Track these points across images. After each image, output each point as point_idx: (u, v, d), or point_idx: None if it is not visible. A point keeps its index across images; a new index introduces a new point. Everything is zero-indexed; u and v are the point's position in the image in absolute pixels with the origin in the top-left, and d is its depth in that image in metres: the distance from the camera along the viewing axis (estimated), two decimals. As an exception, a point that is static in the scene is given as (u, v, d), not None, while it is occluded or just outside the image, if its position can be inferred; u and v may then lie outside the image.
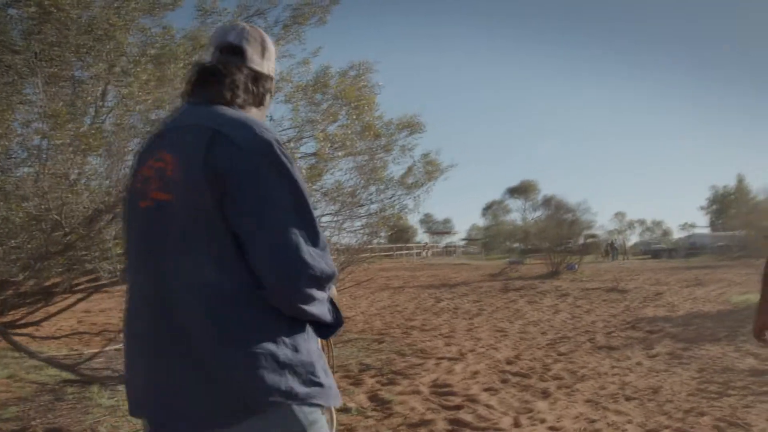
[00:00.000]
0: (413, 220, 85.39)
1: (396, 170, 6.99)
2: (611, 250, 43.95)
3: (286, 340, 1.36)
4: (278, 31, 6.38)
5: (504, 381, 5.87)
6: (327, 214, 7.01)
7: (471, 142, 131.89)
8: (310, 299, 1.38)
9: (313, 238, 1.38)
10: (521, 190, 65.08)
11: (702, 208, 69.04)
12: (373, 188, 6.95)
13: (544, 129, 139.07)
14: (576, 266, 24.19)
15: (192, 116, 1.47)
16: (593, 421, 4.52)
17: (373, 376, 5.98)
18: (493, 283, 19.42)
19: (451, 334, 8.82)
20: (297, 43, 6.42)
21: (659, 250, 48.81)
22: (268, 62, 1.66)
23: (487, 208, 72.40)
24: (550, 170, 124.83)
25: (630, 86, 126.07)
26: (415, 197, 6.87)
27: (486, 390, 5.49)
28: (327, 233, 7.10)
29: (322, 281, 1.39)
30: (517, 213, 66.40)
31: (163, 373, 1.37)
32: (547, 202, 30.97)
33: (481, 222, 77.83)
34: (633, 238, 77.39)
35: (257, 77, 1.61)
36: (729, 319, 10.23)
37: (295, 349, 1.37)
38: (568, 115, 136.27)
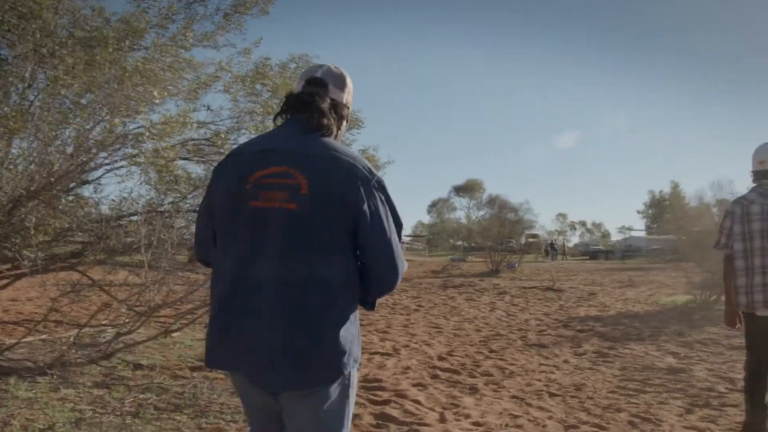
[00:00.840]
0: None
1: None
2: (551, 250, 45.01)
3: (357, 322, 1.94)
4: (219, 19, 6.30)
5: (434, 377, 5.95)
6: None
7: (419, 140, 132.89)
8: None
9: (400, 249, 1.96)
10: (467, 189, 65.80)
11: (639, 212, 71.48)
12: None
13: (492, 129, 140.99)
14: (516, 265, 24.68)
15: (312, 145, 1.91)
16: (516, 417, 4.63)
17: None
18: (434, 279, 19.63)
19: (386, 330, 8.87)
20: (238, 33, 6.35)
21: (597, 251, 50.25)
22: (346, 95, 2.11)
23: (433, 206, 73.10)
24: (496, 170, 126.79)
25: (577, 90, 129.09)
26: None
27: (415, 385, 5.55)
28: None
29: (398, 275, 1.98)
30: (462, 211, 67.23)
31: (276, 342, 1.79)
32: (492, 201, 31.30)
33: (426, 219, 78.42)
34: (574, 239, 79.41)
35: (336, 105, 2.04)
36: (655, 319, 10.62)
37: (358, 329, 1.96)
38: (515, 116, 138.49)
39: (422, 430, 4.23)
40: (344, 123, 2.13)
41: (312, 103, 1.96)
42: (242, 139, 6.77)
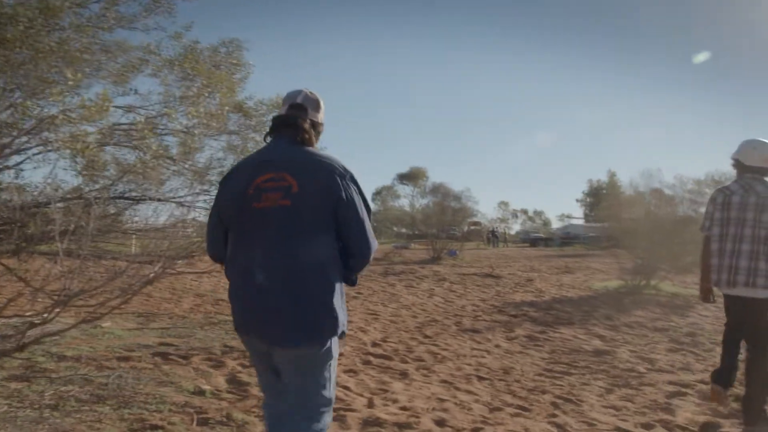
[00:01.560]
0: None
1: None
2: (492, 237, 45.77)
3: (341, 288, 2.49)
4: (147, 2, 6.12)
5: (366, 363, 5.98)
6: (197, 194, 6.82)
7: (363, 129, 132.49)
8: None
9: (368, 231, 2.49)
10: (411, 177, 66.04)
11: (578, 200, 73.33)
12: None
13: (437, 118, 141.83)
14: (457, 252, 24.97)
15: (299, 154, 2.49)
16: (443, 401, 4.71)
17: (236, 359, 5.90)
18: (375, 267, 19.68)
19: (323, 317, 8.86)
20: (168, 16, 6.18)
21: (537, 238, 51.34)
22: (321, 114, 2.71)
23: (377, 194, 73.16)
24: (439, 158, 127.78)
25: (521, 81, 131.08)
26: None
27: (346, 372, 5.57)
28: (197, 214, 6.92)
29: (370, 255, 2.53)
30: (405, 199, 67.36)
31: (277, 311, 2.37)
32: (435, 189, 31.59)
33: (371, 207, 78.42)
34: (515, 227, 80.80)
35: (314, 124, 2.65)
36: (587, 304, 10.94)
37: (343, 299, 2.51)
38: (459, 105, 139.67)
39: (348, 415, 4.25)
40: (319, 135, 2.72)
41: (296, 123, 2.55)
42: (174, 125, 6.64)
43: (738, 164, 4.37)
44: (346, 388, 5.00)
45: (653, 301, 11.57)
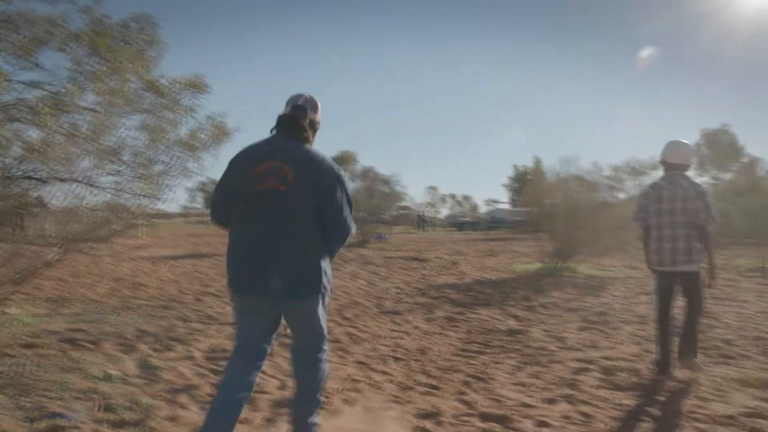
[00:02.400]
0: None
1: (181, 132, 6.70)
2: (421, 221, 46.26)
3: (328, 261, 3.11)
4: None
5: (282, 345, 5.93)
6: (108, 174, 6.57)
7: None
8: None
9: (351, 215, 3.13)
10: (341, 161, 65.69)
11: (505, 185, 74.91)
12: (160, 148, 6.60)
13: (367, 102, 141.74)
14: (385, 236, 25.11)
15: (295, 149, 3.06)
16: (356, 381, 4.74)
17: (148, 343, 5.75)
18: (302, 250, 19.58)
19: (244, 301, 8.74)
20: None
21: (464, 222, 52.19)
22: (318, 115, 3.27)
23: (308, 177, 72.42)
24: (369, 142, 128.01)
25: (444, 68, 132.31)
26: (198, 160, 6.63)
27: (262, 354, 5.52)
28: (106, 195, 6.67)
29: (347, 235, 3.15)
30: (335, 182, 67.03)
31: (279, 270, 2.94)
32: (364, 173, 31.55)
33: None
34: (444, 211, 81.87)
35: (312, 123, 3.20)
36: (507, 286, 11.22)
37: (328, 266, 3.12)
38: (388, 88, 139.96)
39: (259, 397, 4.22)
40: (316, 132, 3.28)
41: (297, 122, 3.14)
42: (82, 102, 6.36)
43: (664, 163, 5.21)
44: (261, 371, 4.95)
45: (570, 282, 11.97)
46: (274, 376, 4.84)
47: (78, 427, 3.47)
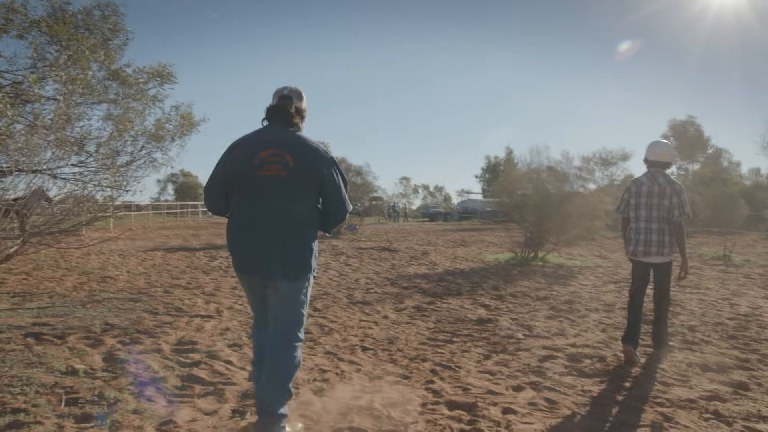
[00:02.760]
0: (201, 177, 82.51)
1: (148, 123, 6.60)
2: (393, 212, 46.29)
3: (316, 242, 3.38)
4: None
5: (251, 336, 5.92)
6: (73, 165, 6.47)
7: (263, 101, 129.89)
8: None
9: (347, 196, 3.38)
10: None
11: (477, 176, 75.33)
12: (126, 139, 6.50)
13: (337, 92, 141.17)
14: (357, 227, 25.08)
15: (292, 137, 3.30)
16: (324, 372, 4.75)
17: (115, 337, 5.69)
18: (274, 242, 19.49)
19: (214, 292, 8.69)
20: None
21: (436, 213, 52.41)
22: (303, 103, 3.49)
23: (280, 168, 71.89)
24: (341, 133, 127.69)
25: (416, 59, 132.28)
26: (165, 150, 6.55)
27: (231, 346, 5.51)
28: (72, 186, 6.56)
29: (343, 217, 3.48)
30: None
31: (275, 252, 3.21)
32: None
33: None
34: (417, 202, 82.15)
35: (298, 110, 3.43)
36: (477, 275, 11.31)
37: (317, 247, 3.40)
38: (360, 79, 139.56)
39: (227, 389, 4.22)
40: (303, 118, 3.49)
41: (286, 112, 3.37)
42: (43, 92, 6.24)
43: (646, 161, 5.62)
44: (229, 362, 4.95)
45: (539, 272, 12.11)
46: (243, 367, 4.83)
47: (41, 423, 3.43)
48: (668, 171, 5.70)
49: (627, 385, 4.59)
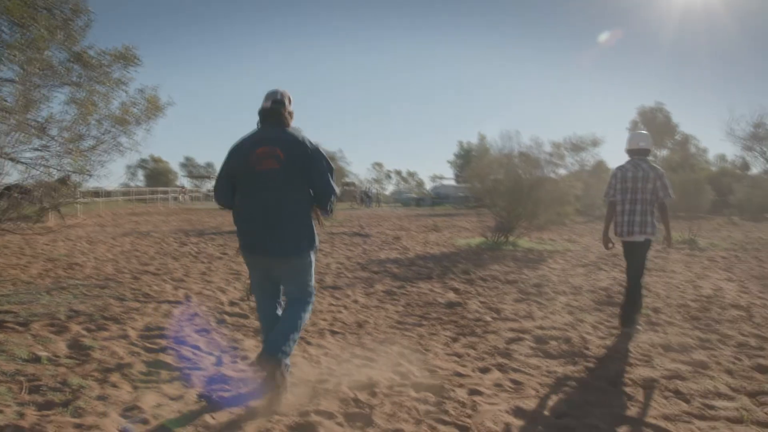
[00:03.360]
0: (173, 162, 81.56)
1: (112, 106, 6.46)
2: (365, 198, 46.25)
3: (314, 223, 3.87)
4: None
5: (220, 322, 5.90)
6: (35, 150, 6.32)
7: (236, 88, 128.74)
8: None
9: (334, 182, 3.81)
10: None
11: (450, 161, 75.59)
12: (90, 122, 6.37)
13: (310, 77, 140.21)
14: (329, 212, 24.96)
15: (282, 134, 3.77)
16: (293, 356, 4.73)
17: (81, 323, 5.61)
18: (245, 228, 19.36)
19: (183, 278, 8.62)
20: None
21: (409, 198, 52.48)
22: (291, 105, 3.93)
23: (251, 153, 71.22)
24: (313, 119, 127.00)
25: (392, 47, 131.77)
26: (131, 135, 6.43)
27: (198, 331, 5.47)
28: (37, 172, 6.42)
29: (335, 198, 3.86)
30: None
31: (278, 234, 3.68)
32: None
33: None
34: (390, 187, 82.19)
35: (288, 111, 3.89)
36: (448, 260, 11.37)
37: (315, 227, 3.87)
38: (333, 65, 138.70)
39: (194, 374, 4.20)
40: (292, 118, 3.97)
41: (278, 114, 3.86)
42: (3, 74, 6.07)
43: (629, 150, 6.13)
44: (196, 347, 4.92)
45: (510, 256, 12.22)
46: (211, 352, 4.81)
47: (1, 411, 3.38)
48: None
49: (591, 365, 4.67)
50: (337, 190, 3.90)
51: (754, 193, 31.64)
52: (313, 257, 3.91)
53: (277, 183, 3.70)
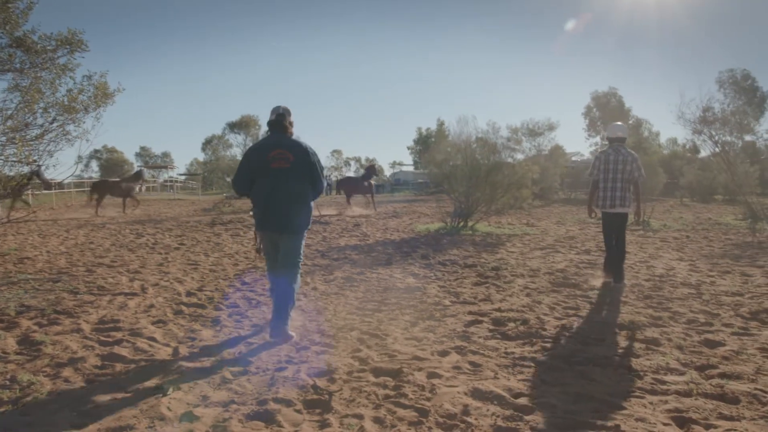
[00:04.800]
0: (128, 153, 79.82)
1: (59, 93, 6.25)
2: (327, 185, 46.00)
3: (311, 208, 5.20)
4: None
5: (177, 313, 5.81)
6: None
7: (191, 77, 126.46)
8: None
9: (323, 178, 5.20)
10: (242, 125, 64.07)
11: (409, 148, 75.66)
12: (35, 110, 6.16)
13: (267, 65, 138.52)
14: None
15: (292, 141, 4.98)
16: (251, 345, 4.71)
17: (31, 318, 5.47)
18: (203, 217, 19.13)
19: (139, 270, 8.46)
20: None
21: (370, 185, 52.43)
22: (291, 117, 5.14)
23: (207, 143, 70.37)
24: (271, 106, 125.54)
25: (350, 36, 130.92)
26: (79, 123, 6.24)
27: (155, 323, 5.39)
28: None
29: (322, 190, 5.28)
30: (238, 148, 65.44)
31: (285, 216, 4.89)
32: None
33: (201, 157, 75.41)
34: (349, 175, 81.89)
35: (290, 122, 5.10)
36: (407, 245, 11.41)
37: (312, 211, 5.23)
38: (288, 54, 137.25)
39: (150, 365, 4.13)
40: (292, 127, 5.10)
41: (283, 124, 4.99)
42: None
43: (609, 138, 7.47)
44: (152, 339, 4.84)
45: (468, 240, 12.33)
46: (168, 343, 4.73)
47: (-53, 409, 3.27)
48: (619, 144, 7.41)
49: (548, 346, 4.73)
50: (325, 183, 5.33)
51: (703, 175, 32.52)
52: (305, 235, 5.21)
53: (286, 178, 4.90)
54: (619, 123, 7.63)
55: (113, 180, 24.09)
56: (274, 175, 4.85)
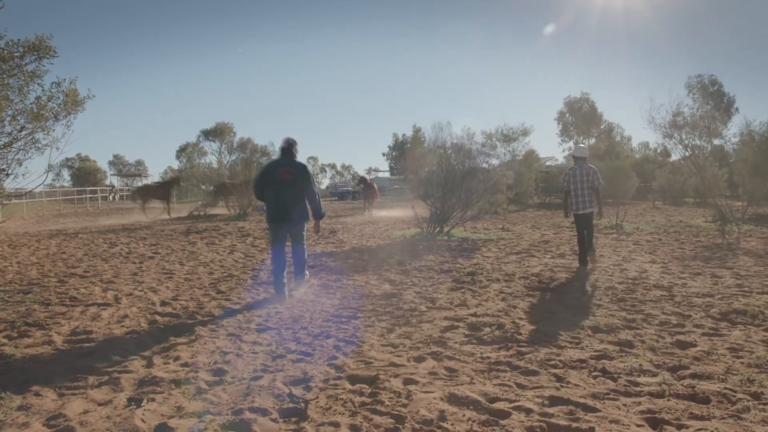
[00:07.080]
0: (101, 161, 78.80)
1: (27, 100, 6.14)
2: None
3: (307, 208, 7.47)
4: None
5: (152, 323, 5.75)
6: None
7: (164, 83, 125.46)
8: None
9: (314, 186, 7.50)
10: (216, 133, 63.66)
11: (384, 154, 75.84)
12: (3, 118, 6.06)
13: (241, 73, 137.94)
14: (264, 208, 24.69)
15: (294, 163, 7.35)
16: (226, 354, 4.67)
17: (1, 331, 5.37)
18: (178, 225, 18.93)
19: (112, 280, 8.35)
20: None
21: (345, 192, 52.49)
22: (297, 145, 7.59)
23: (182, 151, 69.80)
24: (246, 113, 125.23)
25: (324, 43, 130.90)
26: (48, 130, 6.15)
27: (128, 333, 5.32)
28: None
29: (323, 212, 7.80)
30: (212, 156, 65.03)
31: (290, 211, 7.19)
32: (242, 145, 30.78)
33: (176, 164, 74.76)
34: (325, 181, 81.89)
35: (296, 149, 7.56)
36: (384, 252, 11.42)
37: (308, 209, 7.55)
38: (264, 61, 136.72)
39: (123, 377, 4.07)
40: (297, 153, 7.54)
41: (291, 151, 7.42)
42: None
43: (575, 157, 9.55)
44: (126, 350, 4.77)
45: (444, 246, 12.38)
46: (141, 354, 4.67)
47: None
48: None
49: (524, 350, 4.76)
50: (319, 196, 7.48)
51: (674, 179, 33.06)
52: (305, 225, 7.35)
53: (290, 187, 7.06)
54: (582, 145, 10.02)
55: (155, 184, 25.90)
56: (281, 185, 7.05)
